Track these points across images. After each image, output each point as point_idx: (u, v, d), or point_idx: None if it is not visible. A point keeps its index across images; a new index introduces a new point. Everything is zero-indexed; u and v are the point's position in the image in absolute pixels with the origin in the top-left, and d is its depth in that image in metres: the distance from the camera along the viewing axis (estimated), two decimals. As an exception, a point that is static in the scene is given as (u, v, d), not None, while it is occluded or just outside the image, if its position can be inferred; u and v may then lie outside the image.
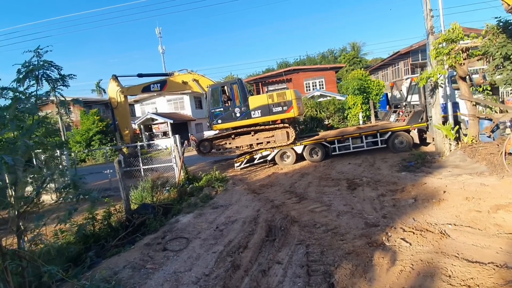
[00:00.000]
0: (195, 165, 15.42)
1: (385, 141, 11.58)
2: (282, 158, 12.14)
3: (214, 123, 12.07)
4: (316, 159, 11.84)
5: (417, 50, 23.85)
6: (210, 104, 12.10)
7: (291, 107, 11.58)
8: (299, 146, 11.85)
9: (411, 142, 11.53)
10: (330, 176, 9.04)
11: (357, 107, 22.11)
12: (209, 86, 12.14)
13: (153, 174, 9.59)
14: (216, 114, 12.05)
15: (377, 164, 10.06)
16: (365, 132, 11.65)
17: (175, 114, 29.45)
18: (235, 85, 11.86)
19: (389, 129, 11.61)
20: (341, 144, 11.72)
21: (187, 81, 12.74)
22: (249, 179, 10.49)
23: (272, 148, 11.90)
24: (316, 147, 11.84)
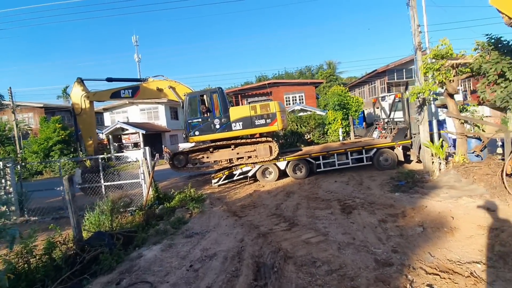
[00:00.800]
0: (168, 181, 14.01)
1: (370, 158, 11.11)
2: (264, 174, 11.22)
3: (191, 135, 10.94)
4: (300, 175, 11.06)
5: (393, 69, 24.56)
6: (187, 114, 11.00)
7: (275, 120, 10.80)
8: (282, 162, 11.03)
9: (396, 160, 11.15)
10: (318, 196, 8.23)
11: (337, 123, 21.98)
12: (186, 94, 11.09)
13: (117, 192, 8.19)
14: (194, 125, 10.96)
15: (366, 182, 9.44)
16: (350, 148, 11.12)
17: (148, 124, 27.73)
18: (215, 94, 10.91)
19: (374, 145, 11.17)
20: (326, 160, 11.07)
21: (163, 88, 11.61)
22: (228, 198, 9.39)
23: (253, 163, 10.96)
24: (300, 163, 11.09)
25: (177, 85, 11.60)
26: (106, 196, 8.13)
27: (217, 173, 11.22)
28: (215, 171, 11.68)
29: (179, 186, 11.95)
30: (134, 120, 27.81)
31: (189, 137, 10.99)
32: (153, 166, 8.11)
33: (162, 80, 11.82)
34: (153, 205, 7.76)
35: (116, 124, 24.58)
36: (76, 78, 12.03)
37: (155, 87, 11.66)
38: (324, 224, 5.69)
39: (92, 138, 12.27)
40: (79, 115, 11.86)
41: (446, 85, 8.74)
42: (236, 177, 11.18)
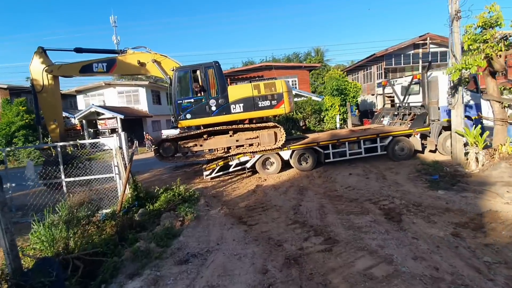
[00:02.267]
0: (150, 172, 11.99)
1: (385, 147, 9.65)
2: (264, 165, 9.54)
3: (181, 118, 8.96)
4: (306, 167, 9.46)
5: (391, 54, 23.23)
6: (176, 93, 8.98)
7: (282, 102, 9.04)
8: (286, 151, 9.36)
9: (413, 149, 9.76)
10: (340, 194, 6.65)
11: (335, 109, 20.53)
12: (175, 68, 9.03)
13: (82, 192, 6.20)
14: (184, 106, 8.97)
15: (389, 176, 7.97)
16: (363, 136, 9.58)
17: (128, 108, 25.09)
18: (211, 69, 8.92)
19: (390, 133, 9.68)
20: (336, 149, 9.51)
21: (145, 62, 9.50)
22: (226, 195, 7.62)
23: (252, 153, 9.20)
24: (306, 153, 9.47)
25: (163, 59, 9.51)
26: (68, 196, 6.16)
27: (210, 164, 9.40)
28: (207, 162, 9.84)
29: (164, 180, 10.03)
30: (111, 104, 25.06)
31: (178, 121, 9.02)
32: (130, 157, 6.17)
33: (145, 52, 9.69)
34: (131, 209, 5.86)
35: (90, 108, 21.80)
36: (37, 48, 9.70)
37: (135, 60, 9.53)
38: (376, 241, 4.09)
39: (57, 122, 10.08)
40: (39, 93, 9.66)
41: (493, 61, 7.29)
42: (232, 168, 9.43)
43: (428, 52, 22.48)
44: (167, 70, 9.34)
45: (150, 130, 25.80)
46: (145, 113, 25.45)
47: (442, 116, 9.75)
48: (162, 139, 9.28)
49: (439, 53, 22.77)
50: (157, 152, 9.30)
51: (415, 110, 10.69)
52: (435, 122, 9.68)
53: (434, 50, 22.63)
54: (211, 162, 9.52)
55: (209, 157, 9.25)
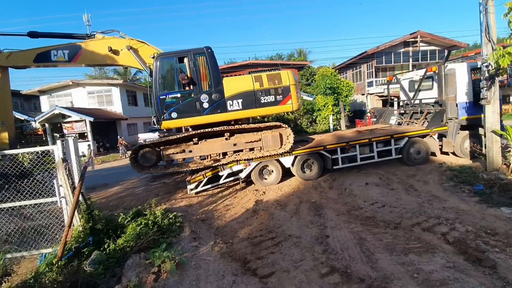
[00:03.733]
0: (121, 184, 9.95)
1: (400, 150, 8.44)
2: (261, 175, 7.95)
3: (164, 118, 7.17)
4: (311, 175, 8.01)
5: (381, 52, 22.62)
6: (158, 86, 7.19)
7: (289, 97, 7.53)
8: (288, 158, 7.85)
9: (429, 152, 8.65)
10: (369, 213, 5.16)
11: (328, 109, 19.43)
12: (156, 55, 7.24)
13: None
14: (169, 103, 7.20)
15: (418, 186, 6.66)
16: (376, 138, 8.30)
17: (99, 110, 22.52)
18: (202, 56, 7.23)
19: (406, 133, 8.48)
20: (345, 154, 8.15)
21: (118, 49, 7.66)
22: (218, 218, 5.84)
23: (248, 160, 7.59)
24: (311, 159, 8.02)
25: (140, 46, 7.70)
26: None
27: (195, 176, 7.63)
28: (191, 173, 8.09)
29: (138, 195, 8.14)
30: (81, 105, 22.38)
31: (161, 121, 7.22)
32: (82, 174, 4.30)
33: (118, 37, 7.83)
34: (81, 251, 3.99)
35: (53, 110, 19.06)
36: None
37: (105, 47, 7.65)
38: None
39: (6, 124, 7.99)
40: (-20, 88, 7.51)
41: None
42: (222, 180, 7.73)
43: (418, 51, 22.09)
44: (146, 59, 7.53)
45: (125, 134, 23.37)
46: (119, 115, 22.99)
47: (460, 114, 8.71)
48: (141, 144, 7.40)
49: (428, 52, 22.45)
50: (134, 161, 7.41)
51: (427, 107, 9.59)
52: (452, 121, 8.63)
53: (424, 48, 22.29)
54: (196, 173, 7.78)
55: (194, 166, 7.48)
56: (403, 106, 10.98)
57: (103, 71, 42.70)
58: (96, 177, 12.32)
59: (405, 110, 10.68)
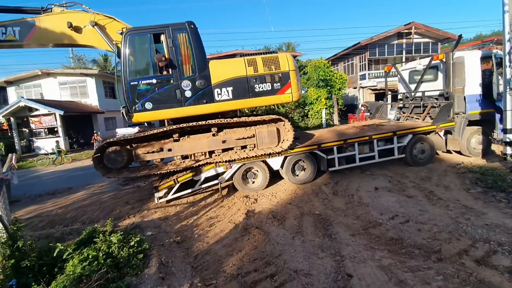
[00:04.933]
0: (87, 189, 8.48)
1: (403, 148, 7.46)
2: (245, 179, 6.74)
3: (136, 109, 5.81)
4: (303, 178, 6.89)
5: (375, 44, 21.77)
6: (127, 69, 5.79)
7: (288, 85, 6.34)
8: (276, 158, 6.65)
9: (434, 151, 7.74)
10: (392, 233, 4.07)
11: (321, 103, 18.40)
12: (125, 31, 5.83)
13: None
14: (142, 90, 5.83)
15: (440, 193, 5.61)
16: (377, 135, 7.24)
17: (72, 103, 20.52)
18: (183, 34, 5.88)
19: (410, 130, 7.48)
20: (342, 153, 7.06)
21: (80, 26, 6.22)
22: (200, 241, 4.46)
23: (228, 162, 6.32)
24: (302, 159, 6.88)
25: (108, 22, 6.26)
26: None
27: (164, 181, 6.31)
28: (160, 177, 6.77)
29: (104, 204, 6.80)
30: (52, 97, 20.29)
31: (132, 113, 5.85)
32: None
33: (80, 11, 6.36)
34: None
35: (18, 102, 16.96)
36: None
37: (64, 23, 6.18)
38: None
39: None
40: None
41: None
42: (198, 185, 6.43)
43: (412, 43, 21.38)
44: (114, 36, 6.10)
45: (102, 129, 21.51)
46: (95, 108, 21.07)
47: (468, 108, 7.81)
48: (108, 141, 6.00)
49: (422, 44, 21.81)
50: (98, 162, 6.00)
51: (430, 101, 8.62)
52: (460, 116, 7.73)
53: (418, 40, 21.61)
54: (165, 178, 6.47)
55: (173, 168, 6.13)
56: (402, 100, 9.96)
57: (82, 62, 39.75)
58: (62, 178, 10.77)
59: (404, 104, 9.70)
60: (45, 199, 8.07)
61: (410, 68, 9.66)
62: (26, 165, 14.69)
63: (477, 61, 7.85)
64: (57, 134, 17.66)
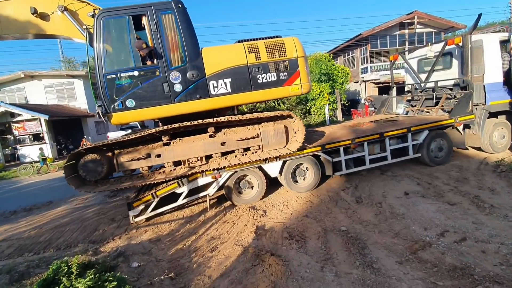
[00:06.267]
0: (70, 202, 7.41)
1: (418, 146, 6.46)
2: (239, 189, 5.70)
3: (115, 108, 4.79)
4: (306, 185, 5.88)
5: (376, 35, 20.84)
6: (102, 60, 4.76)
7: (297, 74, 5.36)
8: (274, 164, 5.62)
9: (452, 148, 6.78)
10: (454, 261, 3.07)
11: (324, 98, 17.44)
12: (98, 13, 4.79)
13: None
14: (121, 85, 4.80)
15: (487, 198, 4.63)
16: (389, 132, 6.21)
17: (58, 107, 19.36)
18: (170, 15, 4.85)
19: (427, 125, 6.47)
20: (349, 155, 6.06)
21: (47, 12, 5.27)
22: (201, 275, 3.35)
23: (217, 170, 5.26)
24: (304, 163, 5.87)
25: (81, 7, 5.25)
26: None
27: (141, 196, 5.28)
28: (137, 191, 5.74)
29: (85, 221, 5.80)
30: (38, 101, 19.13)
31: (110, 113, 4.82)
32: None
33: (44, -6, 5.32)
34: None
35: (-1, 107, 15.83)
36: None
37: (27, 8, 5.15)
38: None
39: None
40: None
41: None
42: (182, 199, 5.37)
43: (414, 33, 20.48)
44: (85, 20, 5.07)
45: (93, 133, 20.38)
46: (84, 111, 19.90)
47: (488, 99, 6.87)
48: (85, 148, 4.95)
49: (425, 34, 20.92)
50: (70, 173, 4.94)
51: (444, 91, 7.64)
52: (479, 107, 6.78)
53: (420, 30, 20.71)
54: (141, 193, 5.47)
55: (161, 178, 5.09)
56: (411, 92, 8.96)
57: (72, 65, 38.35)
58: (44, 190, 9.69)
59: (413, 97, 8.72)
60: (20, 216, 7.02)
61: (419, 56, 8.64)
62: (9, 175, 13.57)
63: (496, 45, 6.93)
64: (43, 140, 16.52)
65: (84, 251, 4.42)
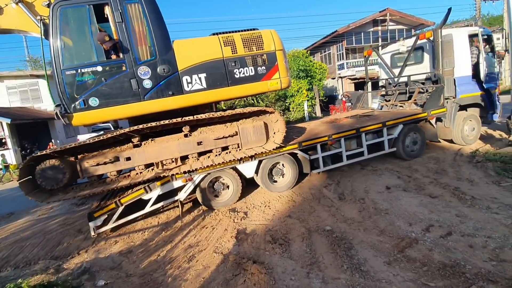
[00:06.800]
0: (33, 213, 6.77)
1: (394, 141, 6.49)
2: (213, 191, 5.35)
3: (76, 107, 4.31)
4: (283, 185, 5.69)
5: (351, 32, 21.14)
6: (60, 54, 4.26)
7: (275, 68, 5.13)
8: (249, 163, 5.34)
9: (425, 141, 6.89)
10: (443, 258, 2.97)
11: (302, 95, 17.42)
12: (55, 2, 4.28)
13: None
14: (82, 82, 4.33)
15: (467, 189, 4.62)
16: (366, 127, 6.17)
17: (22, 109, 17.97)
18: (136, 4, 4.43)
19: (401, 119, 6.49)
20: (327, 152, 5.93)
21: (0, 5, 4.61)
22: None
23: (188, 172, 4.91)
24: (281, 162, 5.68)
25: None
26: None
27: (104, 204, 4.83)
28: (100, 200, 5.27)
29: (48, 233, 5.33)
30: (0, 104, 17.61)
31: (71, 113, 4.34)
32: None
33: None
34: None
35: (-48, 110, 14.35)
36: None
37: (-27, -1, 4.52)
38: None
39: None
40: None
41: None
42: (150, 206, 4.92)
43: (387, 30, 20.98)
44: (40, 10, 4.53)
45: (62, 136, 19.13)
46: (51, 114, 18.56)
47: (459, 92, 7.04)
48: (40, 154, 4.42)
49: (397, 31, 21.49)
50: (28, 184, 4.41)
51: (416, 85, 7.75)
52: (450, 101, 6.92)
53: (393, 28, 21.25)
54: (103, 201, 5.02)
55: (126, 183, 4.67)
56: (385, 87, 9.02)
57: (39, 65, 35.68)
58: (4, 200, 8.86)
59: (387, 91, 8.79)
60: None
61: (392, 51, 8.70)
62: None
63: (466, 39, 7.08)
64: (5, 146, 15.24)
65: (44, 269, 3.94)
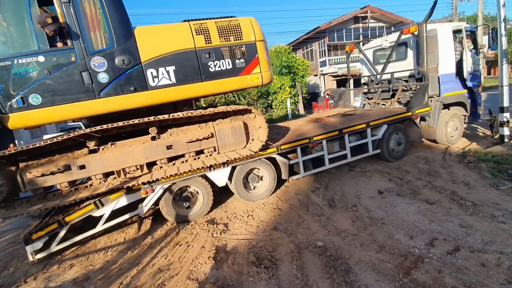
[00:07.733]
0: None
1: (378, 142, 6.13)
2: (179, 203, 4.69)
3: (12, 106, 3.50)
4: (260, 192, 5.13)
5: (333, 28, 20.93)
6: (-13, 40, 3.43)
7: (255, 61, 4.54)
8: (220, 170, 4.70)
9: (409, 142, 6.59)
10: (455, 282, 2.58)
11: (285, 92, 16.96)
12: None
13: None
14: (19, 75, 3.52)
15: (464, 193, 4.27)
16: (349, 128, 5.74)
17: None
18: (84, -19, 3.66)
19: (385, 119, 6.10)
20: (307, 155, 5.42)
21: None
22: None
23: (148, 183, 4.24)
24: (258, 167, 5.09)
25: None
26: None
27: (44, 224, 4.01)
28: (42, 218, 4.48)
29: None
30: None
31: (6, 114, 3.53)
32: None
33: None
34: None
35: None
36: None
37: None
38: None
39: None
40: None
41: None
42: (102, 224, 4.19)
43: (368, 27, 20.96)
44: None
45: (26, 136, 17.60)
46: (12, 112, 17.00)
47: (443, 90, 6.77)
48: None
49: (377, 28, 21.53)
50: None
51: (400, 83, 7.45)
52: (434, 99, 6.63)
53: (373, 25, 21.27)
54: (46, 220, 4.23)
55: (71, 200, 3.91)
56: (367, 84, 8.67)
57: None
58: None
59: (369, 89, 8.44)
60: None
61: (374, 46, 8.29)
62: None
63: (450, 34, 6.79)
64: (-43, 149, 13.66)
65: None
